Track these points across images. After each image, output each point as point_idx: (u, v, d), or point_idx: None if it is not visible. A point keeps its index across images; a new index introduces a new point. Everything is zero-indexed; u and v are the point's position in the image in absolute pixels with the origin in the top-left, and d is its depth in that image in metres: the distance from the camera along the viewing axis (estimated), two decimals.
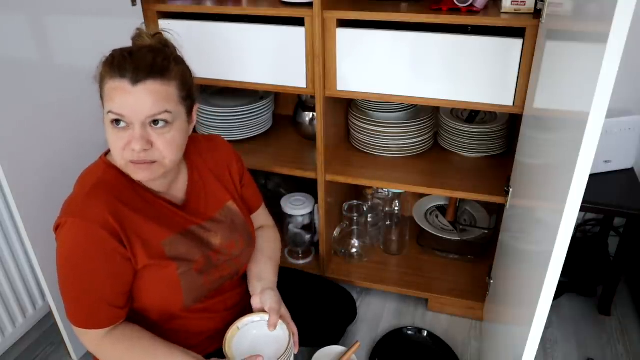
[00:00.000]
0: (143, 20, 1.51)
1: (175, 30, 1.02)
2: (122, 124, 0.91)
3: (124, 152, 0.93)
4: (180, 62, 0.99)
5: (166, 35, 1.01)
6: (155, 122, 0.92)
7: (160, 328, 1.07)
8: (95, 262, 0.93)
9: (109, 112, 0.91)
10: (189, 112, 1.01)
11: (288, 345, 1.04)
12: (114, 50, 0.96)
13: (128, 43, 0.99)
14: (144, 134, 0.91)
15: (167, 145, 0.94)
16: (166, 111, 0.92)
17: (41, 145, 1.28)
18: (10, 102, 1.17)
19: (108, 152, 1.04)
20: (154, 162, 0.95)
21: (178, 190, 1.09)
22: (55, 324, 1.46)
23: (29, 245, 1.28)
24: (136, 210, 0.98)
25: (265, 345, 1.06)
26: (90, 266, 0.94)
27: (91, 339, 0.99)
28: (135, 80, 0.90)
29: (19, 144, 1.21)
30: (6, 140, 1.17)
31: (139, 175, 0.96)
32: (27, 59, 1.22)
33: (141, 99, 0.90)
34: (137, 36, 0.99)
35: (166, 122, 0.93)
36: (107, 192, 0.96)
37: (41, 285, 1.40)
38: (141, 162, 0.93)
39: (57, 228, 0.96)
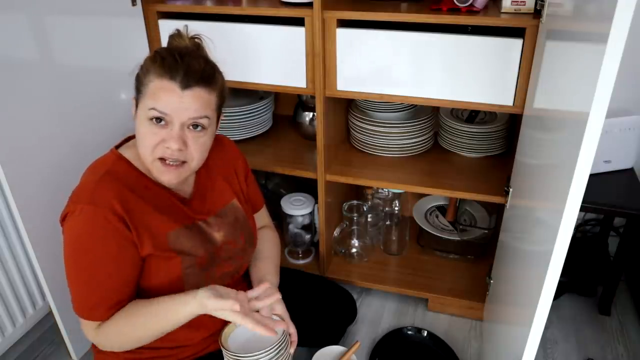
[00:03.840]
0: (143, 20, 1.51)
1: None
2: (162, 122, 0.94)
3: (156, 148, 0.95)
4: (220, 72, 1.04)
5: (202, 41, 1.06)
6: (195, 125, 0.97)
7: None
8: (102, 246, 0.94)
9: (152, 109, 0.94)
10: (218, 120, 1.06)
11: (281, 335, 1.05)
12: (161, 50, 0.99)
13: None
14: (181, 134, 0.95)
15: (199, 148, 0.99)
16: (206, 116, 0.97)
17: (41, 145, 1.28)
18: (10, 102, 1.17)
19: (119, 145, 1.06)
20: (183, 162, 0.98)
21: (187, 185, 1.10)
22: (55, 324, 1.46)
23: (29, 245, 1.28)
24: (144, 200, 1.00)
25: (261, 342, 1.06)
26: (97, 251, 0.94)
27: (92, 327, 0.99)
28: (186, 85, 0.94)
29: (19, 144, 1.21)
30: (6, 140, 1.17)
31: (165, 176, 0.98)
32: (27, 59, 1.22)
33: (188, 102, 0.94)
34: (176, 36, 1.03)
35: (203, 127, 0.98)
36: (117, 181, 0.98)
37: (41, 285, 1.40)
38: (171, 164, 0.97)
39: (64, 217, 0.96)
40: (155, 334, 1.00)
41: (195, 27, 1.07)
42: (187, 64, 0.95)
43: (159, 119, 0.94)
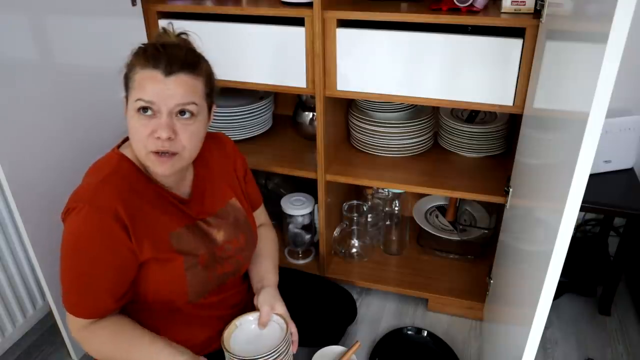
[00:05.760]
0: (143, 20, 1.51)
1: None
2: (149, 112, 0.94)
3: (148, 141, 0.94)
4: (206, 60, 1.03)
5: (189, 36, 1.05)
6: (182, 112, 0.96)
7: (162, 323, 1.07)
8: (99, 249, 0.94)
9: (139, 99, 0.93)
10: (209, 110, 1.04)
11: (285, 337, 1.05)
12: (145, 43, 0.99)
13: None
14: (170, 122, 0.94)
15: (190, 137, 0.97)
16: (193, 103, 0.96)
17: (41, 145, 1.28)
18: (10, 102, 1.17)
19: (121, 144, 1.05)
20: (175, 154, 0.97)
21: (185, 185, 1.10)
22: (55, 324, 1.46)
23: (29, 245, 1.28)
24: (148, 202, 1.00)
25: (263, 341, 1.06)
26: (92, 253, 0.94)
27: (77, 325, 0.99)
28: (169, 71, 0.93)
29: (19, 143, 1.21)
30: (6, 140, 1.17)
31: (159, 168, 0.97)
32: (27, 59, 1.22)
33: (172, 88, 0.93)
34: (162, 34, 1.03)
35: (192, 113, 0.96)
36: (121, 182, 0.97)
37: (41, 285, 1.40)
38: (164, 154, 0.95)
39: (65, 213, 0.96)
40: None
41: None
42: (169, 52, 0.95)
43: (146, 109, 0.93)
